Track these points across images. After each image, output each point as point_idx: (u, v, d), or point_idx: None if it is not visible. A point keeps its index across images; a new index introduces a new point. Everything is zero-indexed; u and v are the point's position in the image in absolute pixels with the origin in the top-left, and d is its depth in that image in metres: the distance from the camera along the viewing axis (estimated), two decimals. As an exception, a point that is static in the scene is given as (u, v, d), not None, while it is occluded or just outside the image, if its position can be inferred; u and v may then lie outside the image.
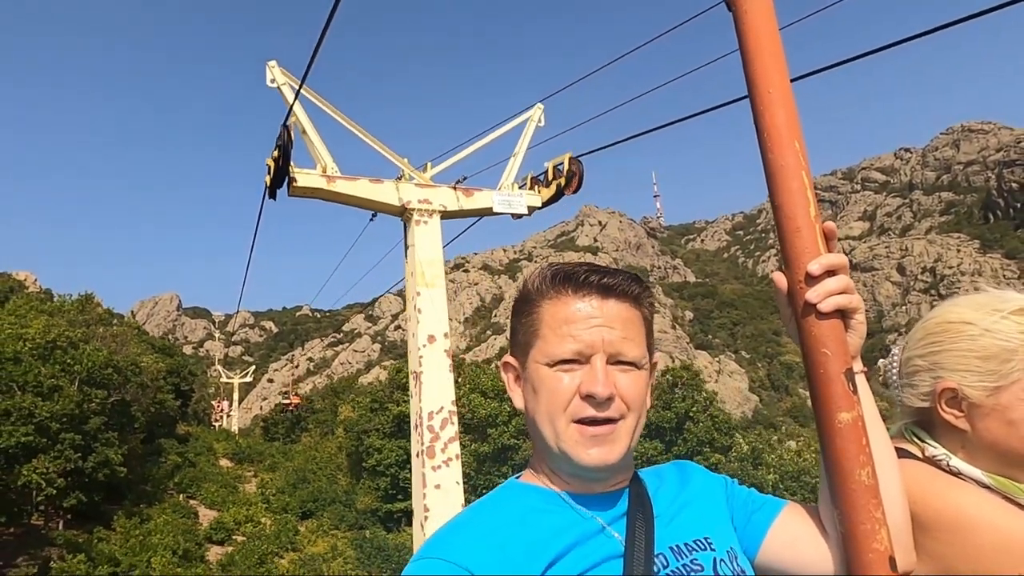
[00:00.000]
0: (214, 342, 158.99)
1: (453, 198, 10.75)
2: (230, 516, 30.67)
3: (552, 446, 1.09)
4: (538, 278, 1.16)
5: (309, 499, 36.14)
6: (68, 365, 27.61)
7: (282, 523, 30.66)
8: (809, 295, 1.03)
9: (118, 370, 30.50)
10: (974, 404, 1.31)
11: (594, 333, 1.07)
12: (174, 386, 49.90)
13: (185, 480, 36.28)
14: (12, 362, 24.85)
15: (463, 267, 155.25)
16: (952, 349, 1.33)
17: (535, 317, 1.13)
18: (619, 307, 1.10)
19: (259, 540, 27.03)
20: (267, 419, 75.12)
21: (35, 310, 34.68)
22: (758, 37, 1.07)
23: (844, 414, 1.01)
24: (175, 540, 24.47)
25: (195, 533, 27.72)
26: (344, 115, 10.48)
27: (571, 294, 1.11)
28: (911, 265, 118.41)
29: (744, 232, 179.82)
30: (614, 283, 1.11)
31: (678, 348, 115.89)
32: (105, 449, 27.18)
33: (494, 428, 22.64)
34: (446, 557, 0.98)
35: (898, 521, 1.11)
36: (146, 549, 23.38)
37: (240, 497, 35.62)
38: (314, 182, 9.74)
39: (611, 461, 1.07)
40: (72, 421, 26.07)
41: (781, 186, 1.04)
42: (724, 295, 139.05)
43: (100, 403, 28.30)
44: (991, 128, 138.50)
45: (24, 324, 29.55)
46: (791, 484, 22.51)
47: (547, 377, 1.09)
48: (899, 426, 1.46)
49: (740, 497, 1.25)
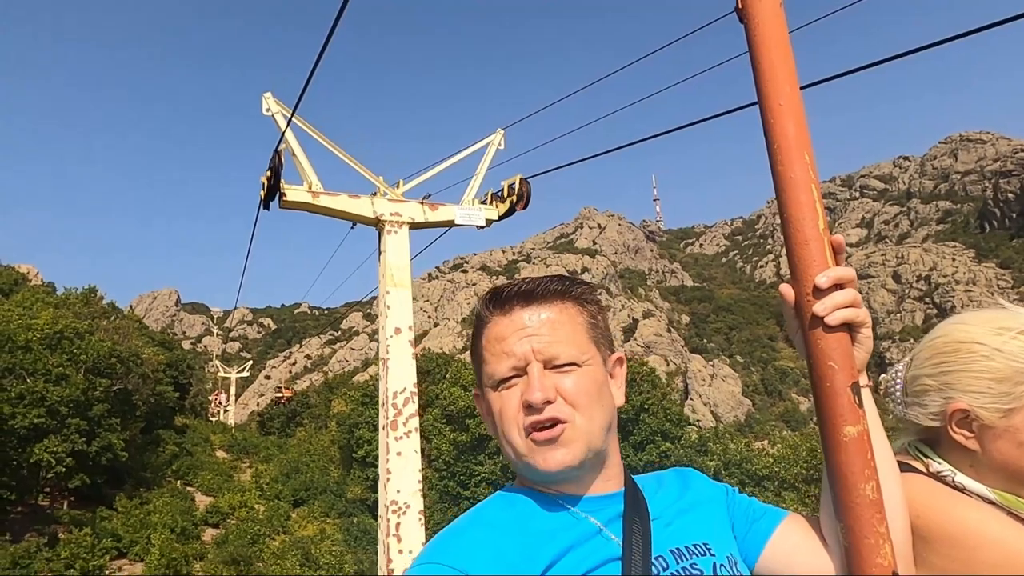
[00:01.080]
0: (212, 338, 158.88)
1: (420, 212, 12.65)
2: (225, 501, 32.56)
3: (517, 461, 1.10)
4: (479, 305, 1.18)
5: (301, 488, 38.01)
6: (74, 354, 29.47)
7: (274, 509, 32.58)
8: (816, 308, 1.03)
9: (121, 360, 32.38)
10: (986, 425, 1.30)
11: (523, 344, 1.08)
12: (173, 379, 51.71)
13: (183, 468, 38.19)
14: (23, 350, 26.67)
15: (461, 267, 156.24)
16: (964, 370, 1.32)
17: (479, 344, 1.15)
18: (545, 311, 1.12)
19: (252, 523, 28.92)
20: (263, 414, 76.98)
21: (41, 302, 36.56)
22: (769, 48, 1.08)
23: (850, 428, 1.01)
24: (173, 520, 26.33)
25: (192, 515, 29.60)
26: (328, 139, 12.39)
27: (499, 312, 1.13)
28: (906, 273, 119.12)
29: (743, 237, 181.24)
30: (533, 287, 1.13)
31: (673, 352, 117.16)
32: (108, 434, 29.01)
33: (471, 419, 24.50)
34: (445, 562, 0.99)
35: (900, 536, 1.11)
36: (146, 527, 25.24)
37: (235, 485, 37.56)
38: (301, 197, 11.63)
39: (572, 462, 1.06)
40: (78, 407, 27.90)
41: (790, 198, 1.04)
42: (721, 300, 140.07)
43: (104, 391, 30.15)
44: (989, 138, 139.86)
45: (32, 315, 31.42)
46: (735, 470, 24.40)
47: (495, 399, 1.11)
48: (903, 442, 1.46)
49: (741, 506, 1.25)
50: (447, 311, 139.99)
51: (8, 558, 19.19)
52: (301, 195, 11.77)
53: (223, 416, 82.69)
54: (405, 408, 11.46)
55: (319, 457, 45.30)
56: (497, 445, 1.29)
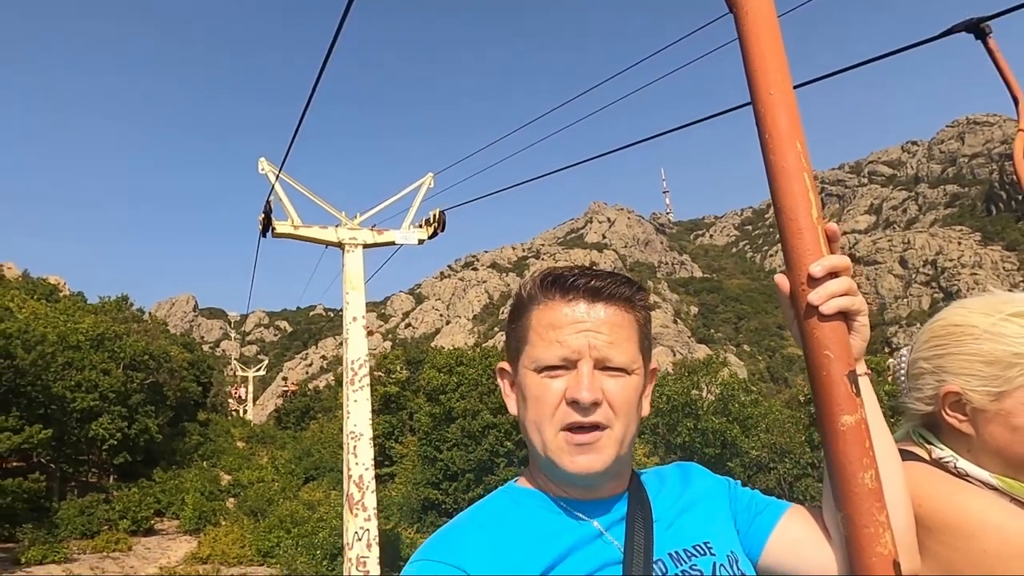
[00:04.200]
0: (230, 342, 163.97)
1: (371, 236, 18.58)
2: (245, 476, 38.83)
3: (540, 453, 1.11)
4: (530, 283, 1.18)
5: (312, 467, 44.07)
6: (115, 352, 35.64)
7: (287, 481, 38.78)
8: (811, 297, 1.04)
9: (153, 357, 38.68)
10: (978, 409, 1.32)
11: (580, 338, 1.08)
12: (195, 377, 58.22)
13: (207, 452, 44.65)
14: (73, 349, 32.76)
15: (472, 265, 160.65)
16: (956, 353, 1.35)
17: (525, 323, 1.15)
18: (608, 311, 1.12)
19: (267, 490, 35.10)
20: (279, 409, 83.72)
21: (82, 309, 42.97)
22: (759, 38, 1.08)
23: (847, 417, 1.02)
24: (203, 486, 32.57)
25: (217, 485, 35.89)
26: (305, 187, 18.34)
27: (559, 299, 1.12)
28: (913, 258, 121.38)
29: (752, 227, 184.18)
30: (602, 286, 1.12)
31: (679, 343, 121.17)
32: (145, 419, 35.14)
33: (444, 395, 30.21)
34: (443, 559, 1.02)
35: (902, 524, 1.11)
36: (180, 491, 31.48)
37: (254, 464, 43.90)
38: (287, 229, 17.61)
39: (597, 469, 1.08)
40: (119, 397, 34.00)
41: (783, 188, 1.05)
42: (729, 290, 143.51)
43: (139, 383, 36.33)
44: (996, 120, 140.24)
45: (76, 321, 37.69)
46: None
47: (535, 383, 1.11)
48: (906, 428, 1.48)
49: (743, 499, 1.27)
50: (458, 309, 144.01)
51: (77, 507, 25.36)
52: (287, 228, 17.84)
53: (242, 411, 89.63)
54: (360, 370, 17.49)
55: (329, 443, 51.28)
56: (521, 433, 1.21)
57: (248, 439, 59.15)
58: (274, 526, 25.95)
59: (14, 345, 24.46)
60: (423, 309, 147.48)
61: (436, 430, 29.78)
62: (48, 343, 27.64)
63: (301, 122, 9.56)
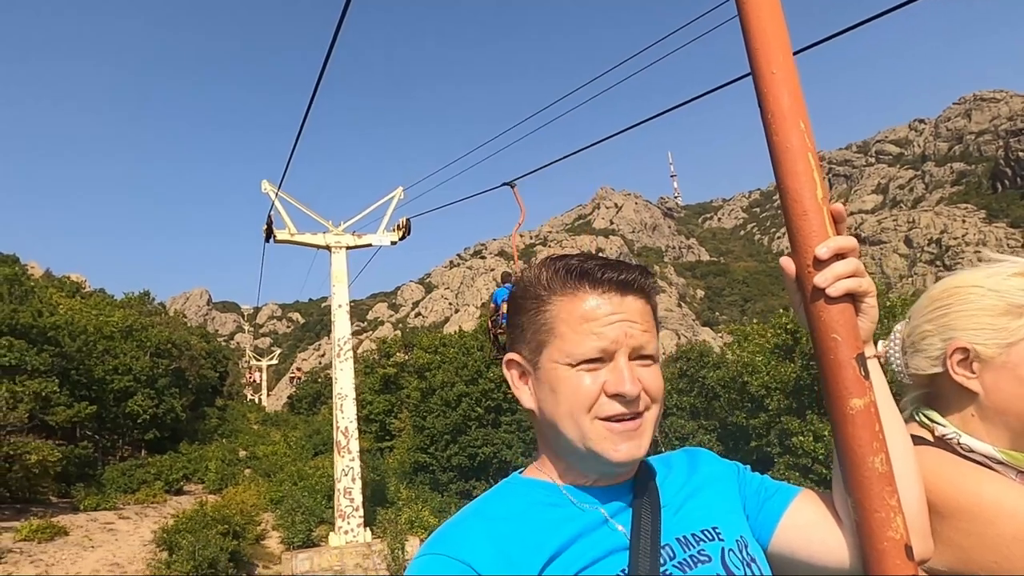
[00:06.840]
0: (244, 334, 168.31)
1: (352, 240, 23.78)
2: (260, 451, 44.46)
3: (579, 446, 1.11)
4: (547, 273, 1.17)
5: (321, 444, 49.58)
6: (142, 341, 41.16)
7: (298, 453, 44.42)
8: (817, 280, 1.04)
9: (175, 346, 44.28)
10: (985, 362, 1.34)
11: (617, 329, 1.10)
12: (212, 365, 64.01)
13: (226, 431, 50.46)
14: (108, 339, 38.21)
15: (480, 254, 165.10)
16: (961, 310, 1.37)
17: (549, 315, 1.14)
18: (636, 302, 1.14)
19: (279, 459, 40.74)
20: (292, 396, 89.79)
21: (110, 305, 48.63)
22: (760, 15, 1.08)
23: (856, 400, 1.02)
24: (223, 455, 38.24)
25: (236, 456, 41.59)
26: (300, 202, 23.55)
27: (589, 290, 1.13)
28: (918, 237, 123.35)
29: (760, 209, 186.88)
30: (631, 279, 1.14)
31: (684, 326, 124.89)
32: (171, 400, 40.65)
33: (429, 372, 35.62)
34: (449, 553, 1.02)
35: (914, 508, 1.12)
36: (204, 460, 37.18)
37: (268, 441, 49.71)
38: (285, 237, 22.87)
39: (639, 455, 1.11)
40: (148, 380, 39.47)
41: (787, 168, 1.05)
42: (736, 273, 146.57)
43: (165, 369, 41.83)
44: (1003, 96, 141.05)
45: (107, 315, 43.25)
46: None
47: (568, 377, 1.11)
48: (908, 411, 1.50)
49: (753, 484, 1.28)
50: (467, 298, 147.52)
51: (119, 470, 30.96)
52: (285, 235, 23.03)
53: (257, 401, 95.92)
54: (345, 345, 22.74)
55: (337, 424, 57.00)
56: (533, 426, 1.23)
57: (263, 422, 65.07)
58: (283, 480, 31.67)
59: (62, 335, 29.88)
60: (432, 298, 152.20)
61: (424, 402, 35.13)
62: (89, 333, 33.17)
63: (295, 146, 14.54)
